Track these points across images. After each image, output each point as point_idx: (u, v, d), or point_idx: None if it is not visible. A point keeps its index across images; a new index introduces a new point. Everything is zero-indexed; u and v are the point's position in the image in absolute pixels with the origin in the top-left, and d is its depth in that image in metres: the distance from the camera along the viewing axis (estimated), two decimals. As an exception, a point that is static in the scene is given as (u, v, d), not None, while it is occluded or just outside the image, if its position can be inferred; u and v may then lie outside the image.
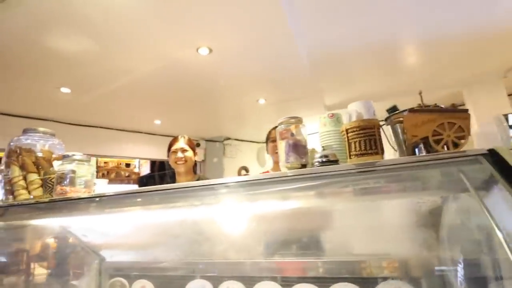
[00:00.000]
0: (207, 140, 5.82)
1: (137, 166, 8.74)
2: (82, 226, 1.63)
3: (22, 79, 2.90)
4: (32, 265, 1.67)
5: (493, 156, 0.69)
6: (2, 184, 1.44)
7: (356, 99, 0.98)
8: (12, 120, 3.71)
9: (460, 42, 2.92)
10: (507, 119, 3.19)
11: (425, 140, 0.84)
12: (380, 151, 0.84)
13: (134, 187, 8.11)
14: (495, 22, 2.60)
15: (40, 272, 1.67)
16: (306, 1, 2.14)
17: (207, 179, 1.89)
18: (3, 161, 1.49)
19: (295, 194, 1.06)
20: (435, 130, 0.80)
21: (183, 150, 1.90)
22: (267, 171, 2.08)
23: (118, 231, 1.63)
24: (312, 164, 0.92)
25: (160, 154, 5.19)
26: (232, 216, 1.34)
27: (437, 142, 0.79)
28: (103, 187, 1.48)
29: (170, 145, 1.95)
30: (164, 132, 4.98)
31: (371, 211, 1.07)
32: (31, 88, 3.10)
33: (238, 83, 3.38)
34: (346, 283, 1.11)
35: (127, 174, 8.47)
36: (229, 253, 1.51)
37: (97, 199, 1.21)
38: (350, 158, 0.86)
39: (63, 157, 1.29)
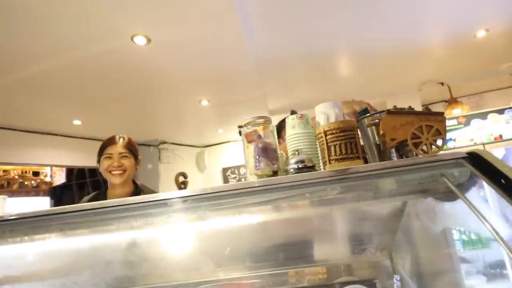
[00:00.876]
0: (139, 144, 5.26)
1: (48, 174, 7.43)
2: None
3: None
4: None
5: (472, 159, 0.70)
6: None
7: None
8: None
9: (383, 57, 3.27)
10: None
11: (398, 144, 0.81)
12: (360, 155, 0.77)
13: (45, 200, 6.85)
14: (412, 41, 3.00)
15: None
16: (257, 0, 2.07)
17: (151, 191, 1.61)
18: None
19: (258, 208, 0.95)
20: (414, 133, 0.77)
21: (122, 156, 1.49)
22: None
23: (25, 261, 1.26)
24: (286, 171, 0.81)
25: (79, 160, 4.46)
26: (183, 232, 1.15)
27: (416, 145, 0.76)
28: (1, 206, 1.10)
29: (103, 148, 1.52)
30: (85, 134, 4.29)
31: (347, 218, 1.02)
32: None
33: (179, 80, 3.09)
34: None
35: (35, 185, 7.13)
36: (176, 274, 1.31)
37: (-10, 224, 0.88)
38: (329, 163, 0.77)
39: None
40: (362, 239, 1.17)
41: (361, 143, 0.91)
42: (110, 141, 1.51)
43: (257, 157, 0.82)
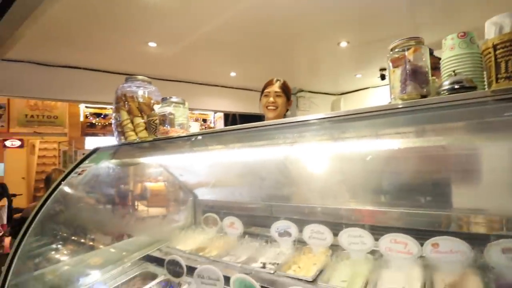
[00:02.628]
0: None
1: (212, 121, 9.32)
2: (179, 166, 1.81)
3: (114, 36, 3.18)
4: (140, 198, 1.97)
5: None
6: (115, 127, 1.64)
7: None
8: (106, 76, 4.21)
9: None
10: None
11: None
12: (545, 72, 0.63)
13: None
14: None
15: (145, 204, 1.96)
16: None
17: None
18: (113, 107, 1.67)
19: (401, 134, 0.92)
20: None
21: (277, 95, 1.73)
22: None
23: (210, 171, 1.76)
24: (438, 94, 0.76)
25: (234, 107, 5.36)
26: (322, 158, 1.27)
27: None
28: (196, 129, 1.56)
29: (263, 88, 1.79)
30: (238, 84, 5.06)
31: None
32: (123, 45, 3.41)
33: (318, 23, 3.06)
34: (449, 237, 0.96)
35: (204, 128, 9.17)
36: (315, 198, 1.48)
37: (193, 138, 1.26)
38: (496, 82, 0.67)
39: (162, 100, 1.38)
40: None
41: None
42: (269, 83, 1.79)
43: (404, 80, 0.80)
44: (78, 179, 1.43)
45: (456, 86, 0.71)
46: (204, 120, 9.24)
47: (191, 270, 1.02)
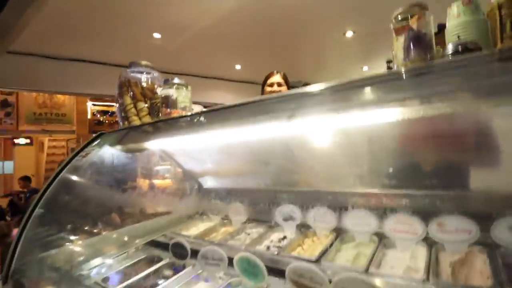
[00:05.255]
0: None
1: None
2: (184, 153, 1.81)
3: (119, 27, 3.19)
4: (145, 185, 1.97)
5: None
6: (119, 112, 1.65)
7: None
8: (111, 69, 4.22)
9: None
10: None
11: None
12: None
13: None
14: None
15: (150, 192, 1.96)
16: None
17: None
18: (116, 92, 1.68)
19: (405, 103, 0.87)
20: None
21: (279, 84, 1.95)
22: None
23: (214, 159, 1.75)
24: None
25: (240, 101, 5.32)
26: (326, 137, 1.23)
27: None
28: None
29: (266, 78, 2.00)
30: (243, 78, 5.03)
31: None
32: (128, 35, 3.40)
33: (323, 12, 3.02)
34: (455, 216, 0.91)
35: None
36: (319, 182, 1.46)
37: (196, 119, 1.24)
38: (502, 42, 0.65)
39: (164, 82, 1.38)
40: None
41: None
42: (271, 74, 2.02)
43: (407, 46, 0.78)
44: (82, 161, 1.44)
45: (460, 49, 0.69)
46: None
47: (195, 253, 1.02)
